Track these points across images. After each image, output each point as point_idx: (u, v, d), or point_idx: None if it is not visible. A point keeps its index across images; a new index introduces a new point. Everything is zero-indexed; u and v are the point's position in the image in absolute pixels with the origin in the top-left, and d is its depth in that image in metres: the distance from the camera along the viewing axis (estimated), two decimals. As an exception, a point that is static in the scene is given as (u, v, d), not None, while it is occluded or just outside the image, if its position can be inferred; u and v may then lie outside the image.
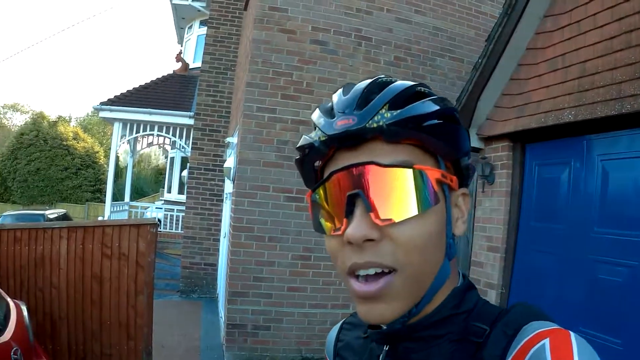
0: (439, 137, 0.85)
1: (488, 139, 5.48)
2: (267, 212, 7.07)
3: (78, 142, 34.59)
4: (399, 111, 0.83)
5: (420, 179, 0.82)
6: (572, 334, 0.74)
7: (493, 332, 0.82)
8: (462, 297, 0.91)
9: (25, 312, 4.87)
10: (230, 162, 8.15)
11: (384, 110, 0.83)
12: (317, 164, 0.93)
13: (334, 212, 0.86)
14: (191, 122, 13.26)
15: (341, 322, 1.20)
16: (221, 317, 8.76)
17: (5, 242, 6.09)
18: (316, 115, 0.91)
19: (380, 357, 0.94)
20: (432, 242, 0.84)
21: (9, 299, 4.89)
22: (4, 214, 17.43)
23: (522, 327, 0.80)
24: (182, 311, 10.46)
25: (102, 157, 36.18)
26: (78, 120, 53.40)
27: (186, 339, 8.48)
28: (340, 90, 0.92)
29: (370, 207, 0.81)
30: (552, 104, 4.55)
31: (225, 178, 9.81)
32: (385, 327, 0.88)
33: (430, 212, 0.83)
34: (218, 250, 11.73)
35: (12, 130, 43.90)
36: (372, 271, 0.82)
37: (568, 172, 4.63)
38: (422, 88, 0.90)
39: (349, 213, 0.83)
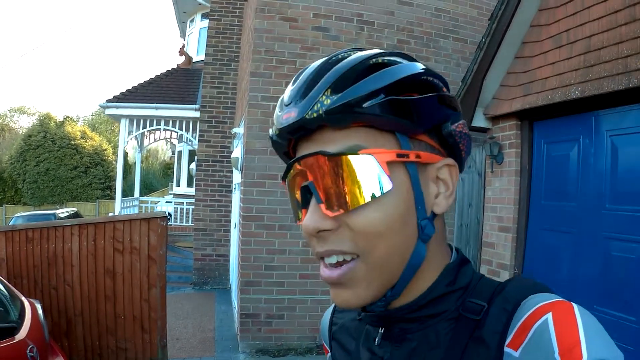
0: (388, 114, 0.78)
1: (495, 119, 5.45)
2: (276, 200, 7.07)
3: (86, 141, 34.66)
4: (337, 96, 0.77)
5: (367, 164, 0.77)
6: (575, 306, 0.72)
7: (491, 308, 0.79)
8: (456, 273, 0.87)
9: (40, 311, 4.90)
10: (237, 152, 8.15)
11: (324, 97, 0.78)
12: (285, 152, 0.90)
13: (295, 203, 0.87)
14: (197, 114, 13.29)
15: (333, 304, 1.15)
16: (234, 307, 8.79)
17: (17, 242, 6.14)
18: (276, 107, 0.88)
19: (376, 340, 0.92)
20: (394, 226, 0.79)
21: (23, 298, 4.92)
22: (16, 215, 17.55)
23: (521, 301, 0.77)
24: (195, 303, 10.51)
25: (110, 154, 36.25)
26: (85, 120, 53.48)
27: (200, 330, 8.52)
28: (292, 80, 0.88)
29: (320, 199, 0.79)
30: (558, 80, 4.52)
31: (233, 169, 9.82)
32: (376, 310, 0.87)
33: (386, 195, 0.78)
34: (229, 241, 11.78)
35: (20, 132, 43.99)
36: (333, 259, 0.81)
37: (577, 149, 4.60)
38: (381, 58, 0.82)
39: (305, 204, 0.82)
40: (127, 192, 20.68)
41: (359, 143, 0.79)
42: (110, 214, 18.91)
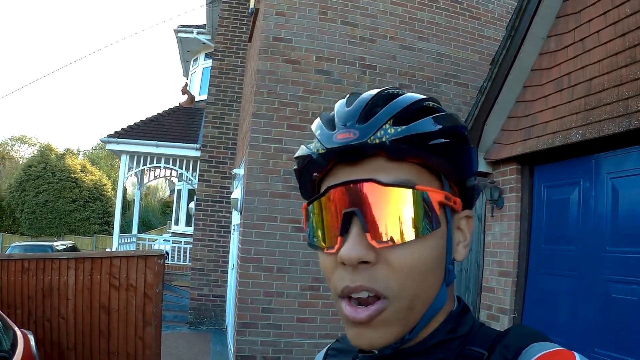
0: (444, 156, 0.81)
1: (496, 163, 5.46)
2: (275, 242, 7.03)
3: (86, 175, 34.93)
4: (403, 127, 0.78)
5: (422, 200, 0.77)
6: (576, 355, 0.71)
7: (492, 356, 0.78)
8: (458, 321, 0.86)
9: (32, 342, 4.89)
10: (237, 193, 8.15)
11: (387, 126, 0.78)
12: (315, 175, 0.87)
13: (329, 229, 0.82)
14: (198, 154, 13.32)
15: (326, 348, 1.12)
16: (230, 348, 8.70)
17: (13, 272, 6.12)
18: (316, 126, 0.87)
19: None
20: (429, 268, 0.79)
21: (16, 328, 4.90)
22: (12, 244, 17.50)
23: (522, 349, 0.76)
24: (190, 343, 10.42)
25: (109, 189, 36.43)
26: (85, 153, 53.66)
27: (196, 371, 8.42)
28: (343, 101, 0.87)
29: (366, 228, 0.76)
30: (559, 124, 4.55)
31: (233, 209, 9.81)
32: (377, 352, 0.84)
33: (430, 236, 0.79)
34: (226, 281, 11.69)
35: (20, 162, 44.13)
36: (364, 294, 0.77)
37: (578, 192, 4.61)
38: (430, 103, 0.84)
39: (344, 231, 0.78)
40: (125, 228, 20.68)
41: (411, 178, 0.79)
42: (108, 250, 18.83)
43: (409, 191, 0.77)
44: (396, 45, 7.77)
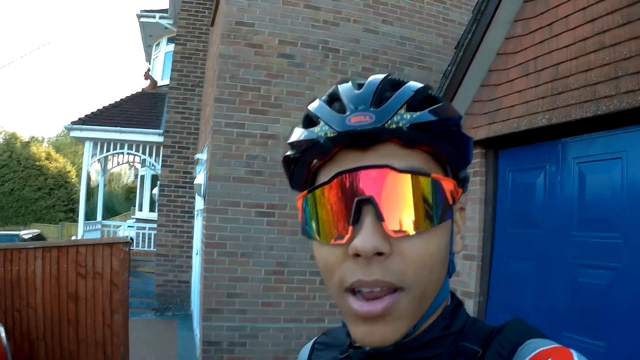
0: (454, 145, 0.79)
1: (460, 147, 5.47)
2: (238, 227, 7.02)
3: (50, 162, 34.68)
4: (419, 113, 0.75)
5: (437, 189, 0.75)
6: (573, 352, 0.70)
7: (487, 353, 0.77)
8: (452, 317, 0.85)
9: (2, 333, 4.87)
10: (200, 178, 8.10)
11: (402, 111, 0.75)
12: (315, 161, 0.82)
13: (336, 219, 0.76)
14: (161, 139, 13.21)
15: (312, 342, 1.09)
16: (196, 334, 8.68)
17: (-19, 264, 6.03)
18: (318, 108, 0.81)
19: None
20: (440, 259, 0.77)
21: (-14, 320, 4.85)
22: (-21, 235, 17.26)
23: (517, 346, 0.75)
24: (157, 329, 10.40)
25: (74, 176, 36.17)
26: (50, 141, 53.02)
27: (162, 357, 8.41)
28: (348, 84, 0.83)
29: (382, 216, 0.72)
30: (524, 108, 4.56)
31: (196, 195, 9.75)
32: (368, 347, 0.79)
33: (442, 226, 0.77)
34: (191, 267, 11.66)
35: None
36: (377, 289, 0.73)
37: (543, 177, 4.62)
38: (432, 91, 0.82)
39: (356, 221, 0.74)
40: (90, 215, 20.44)
41: (422, 166, 0.77)
42: (73, 237, 18.65)
43: (426, 179, 0.75)
44: (360, 28, 7.75)
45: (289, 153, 0.84)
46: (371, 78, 0.82)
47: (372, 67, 7.73)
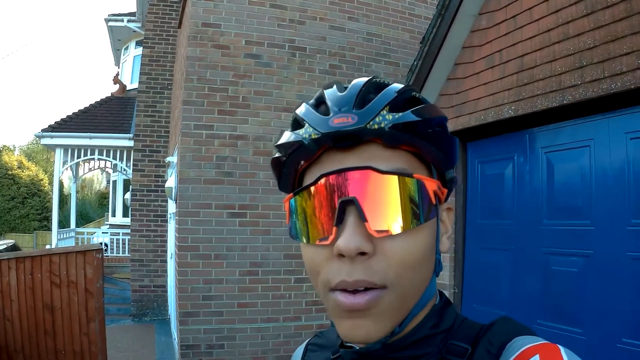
0: (438, 145, 0.80)
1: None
2: (211, 229, 7.00)
3: (23, 171, 34.21)
4: (401, 114, 0.76)
5: (420, 189, 0.76)
6: (561, 348, 0.71)
7: (476, 351, 0.78)
8: (440, 316, 0.85)
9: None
10: (171, 181, 8.07)
11: (385, 112, 0.76)
12: (301, 163, 0.82)
13: (320, 220, 0.77)
14: (131, 144, 13.09)
15: (305, 343, 1.10)
16: (174, 338, 8.66)
17: (-45, 275, 5.96)
18: (304, 111, 0.82)
19: None
20: (424, 258, 0.78)
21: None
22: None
23: (505, 344, 0.76)
24: (135, 335, 10.32)
25: (46, 184, 35.72)
26: (22, 149, 52.45)
27: (141, 363, 8.36)
28: (332, 88, 0.83)
29: (365, 217, 0.73)
30: (491, 100, 4.60)
31: (168, 198, 9.71)
32: (358, 347, 0.82)
33: (425, 226, 0.78)
34: (166, 271, 11.60)
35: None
36: (361, 289, 0.74)
37: (512, 167, 4.67)
38: (416, 92, 0.83)
39: (340, 221, 0.74)
40: (64, 222, 20.26)
41: (405, 166, 0.77)
42: (48, 246, 18.47)
43: (409, 180, 0.75)
44: (326, 26, 7.77)
45: (277, 155, 0.85)
46: (355, 81, 0.83)
47: (339, 64, 7.75)
